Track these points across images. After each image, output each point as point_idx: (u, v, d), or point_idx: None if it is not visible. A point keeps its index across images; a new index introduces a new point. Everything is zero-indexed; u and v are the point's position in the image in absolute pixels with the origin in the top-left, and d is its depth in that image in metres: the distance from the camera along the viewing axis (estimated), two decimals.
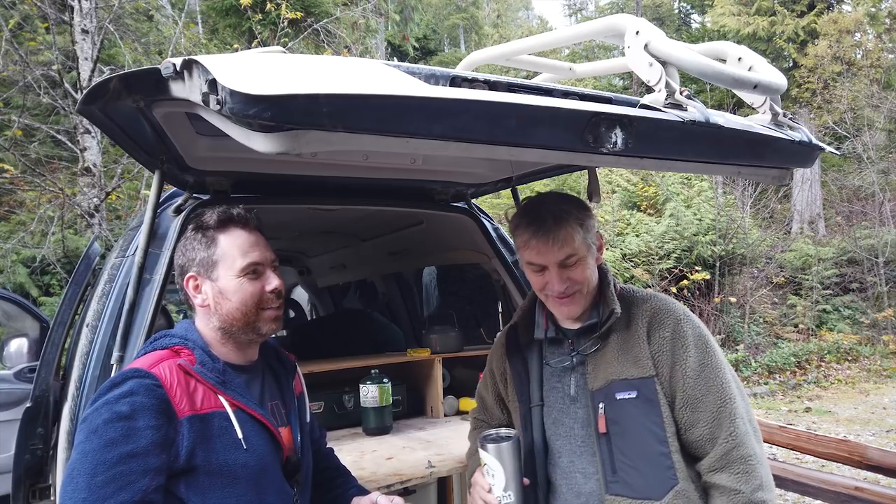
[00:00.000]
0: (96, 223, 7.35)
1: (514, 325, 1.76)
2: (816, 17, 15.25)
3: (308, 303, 5.67)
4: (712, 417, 1.44)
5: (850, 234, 12.92)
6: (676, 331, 1.50)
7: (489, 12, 32.56)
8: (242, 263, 1.35)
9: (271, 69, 0.99)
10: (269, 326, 1.39)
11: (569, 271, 1.49)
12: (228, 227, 1.38)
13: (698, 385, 1.46)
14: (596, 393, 1.51)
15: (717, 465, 1.43)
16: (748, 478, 1.40)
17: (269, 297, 1.38)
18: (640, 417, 1.46)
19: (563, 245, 1.47)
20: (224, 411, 1.28)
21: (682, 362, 1.47)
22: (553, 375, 1.61)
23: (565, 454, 1.55)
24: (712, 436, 1.44)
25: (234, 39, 10.56)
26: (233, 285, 1.35)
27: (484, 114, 1.03)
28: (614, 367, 1.51)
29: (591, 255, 1.53)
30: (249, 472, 1.27)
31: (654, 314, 1.53)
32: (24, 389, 3.35)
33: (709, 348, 1.50)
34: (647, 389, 1.47)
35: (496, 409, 1.81)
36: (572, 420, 1.55)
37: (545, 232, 1.47)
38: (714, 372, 1.47)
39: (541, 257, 1.49)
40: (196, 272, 1.37)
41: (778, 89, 1.32)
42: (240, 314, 1.35)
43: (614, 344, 1.53)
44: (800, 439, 3.33)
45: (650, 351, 1.49)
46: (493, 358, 1.80)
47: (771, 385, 9.07)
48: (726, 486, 1.41)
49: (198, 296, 1.37)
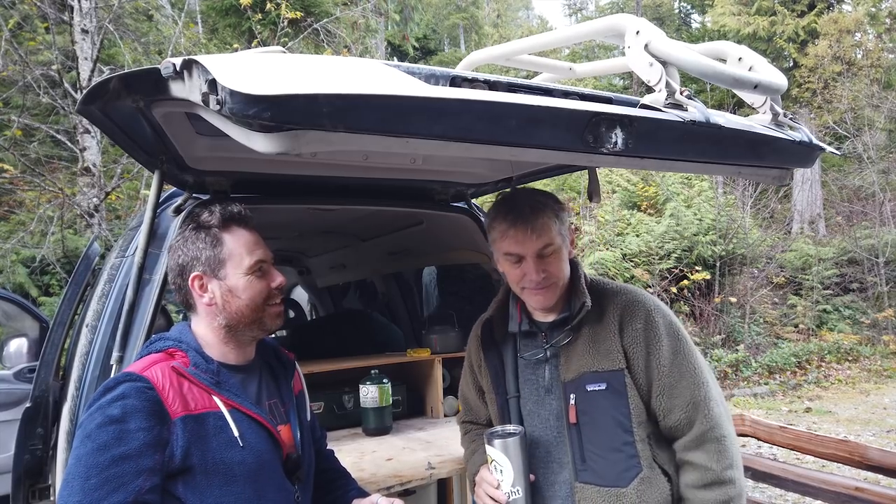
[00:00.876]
0: (96, 223, 7.35)
1: (490, 319, 1.78)
2: (817, 16, 15.25)
3: (308, 303, 5.67)
4: (687, 402, 1.50)
5: (851, 234, 12.92)
6: (648, 322, 1.54)
7: (489, 12, 32.56)
8: (251, 261, 1.38)
9: (271, 69, 0.99)
10: (275, 322, 1.43)
11: (545, 262, 1.52)
12: (231, 226, 1.39)
13: (673, 373, 1.51)
14: (568, 384, 1.55)
15: (692, 445, 1.50)
16: (720, 457, 1.47)
17: (274, 294, 1.41)
18: (608, 408, 1.51)
19: (541, 234, 1.51)
20: (219, 411, 1.28)
21: (657, 352, 1.52)
22: (527, 367, 1.64)
23: (541, 445, 1.59)
24: (689, 419, 1.50)
25: (233, 39, 10.57)
26: (242, 283, 1.37)
27: (484, 114, 1.02)
28: (586, 359, 1.54)
29: (566, 248, 1.57)
30: (247, 470, 1.28)
31: (625, 307, 1.56)
32: (23, 390, 3.35)
33: (680, 336, 1.55)
34: (616, 382, 1.52)
35: (481, 405, 1.82)
36: (547, 411, 1.59)
37: (523, 221, 1.50)
38: (687, 359, 1.53)
39: (518, 247, 1.52)
40: (202, 271, 1.37)
41: (778, 89, 1.32)
42: (249, 311, 1.37)
43: (586, 336, 1.56)
44: (800, 439, 3.33)
45: (623, 344, 1.54)
46: (471, 350, 1.82)
47: (771, 385, 9.07)
48: (699, 463, 1.48)
49: (204, 295, 1.37)
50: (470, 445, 1.85)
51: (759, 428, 3.55)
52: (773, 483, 3.33)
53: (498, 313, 1.76)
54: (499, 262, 1.62)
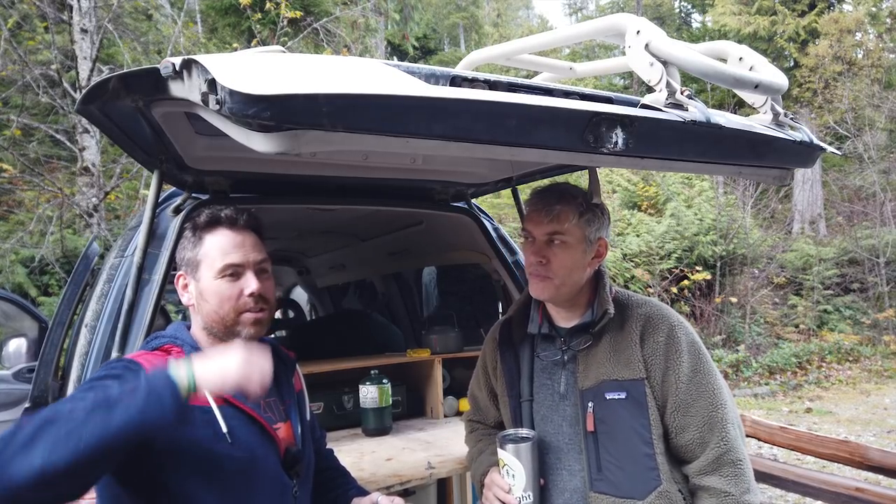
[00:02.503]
0: (95, 223, 7.35)
1: (509, 320, 1.77)
2: (817, 16, 15.25)
3: (307, 303, 5.66)
4: (703, 422, 1.46)
5: (851, 235, 12.91)
6: (671, 336, 1.51)
7: (489, 11, 32.55)
8: (220, 264, 1.34)
9: (271, 69, 0.98)
10: (249, 330, 1.35)
11: (548, 250, 1.53)
12: (215, 227, 1.38)
13: (690, 390, 1.48)
14: (585, 392, 1.53)
15: (707, 469, 1.45)
16: (737, 481, 1.44)
17: (246, 301, 1.34)
18: (627, 418, 1.48)
19: (553, 221, 1.52)
20: (207, 406, 1.26)
21: (676, 367, 1.49)
22: (543, 372, 1.63)
23: (552, 451, 1.57)
24: (702, 440, 1.46)
25: (233, 39, 10.56)
26: (212, 286, 1.34)
27: (484, 114, 1.02)
28: (605, 367, 1.52)
29: (582, 251, 1.53)
30: (237, 464, 1.27)
31: (648, 319, 1.55)
32: (22, 390, 3.34)
33: (701, 355, 1.52)
34: (636, 391, 1.49)
35: (491, 408, 1.81)
36: (560, 417, 1.57)
37: (544, 203, 1.54)
38: (706, 378, 1.49)
39: (531, 225, 1.56)
40: (184, 271, 1.39)
41: (779, 89, 1.31)
42: (217, 316, 1.34)
43: (606, 344, 1.54)
44: (801, 440, 3.33)
45: (642, 354, 1.51)
46: (486, 352, 1.81)
47: (772, 385, 9.07)
48: (717, 488, 1.44)
49: (185, 294, 1.39)
50: (476, 445, 1.83)
51: (759, 428, 3.55)
52: (773, 483, 3.32)
53: (518, 315, 1.74)
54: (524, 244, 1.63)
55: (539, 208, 1.54)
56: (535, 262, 1.54)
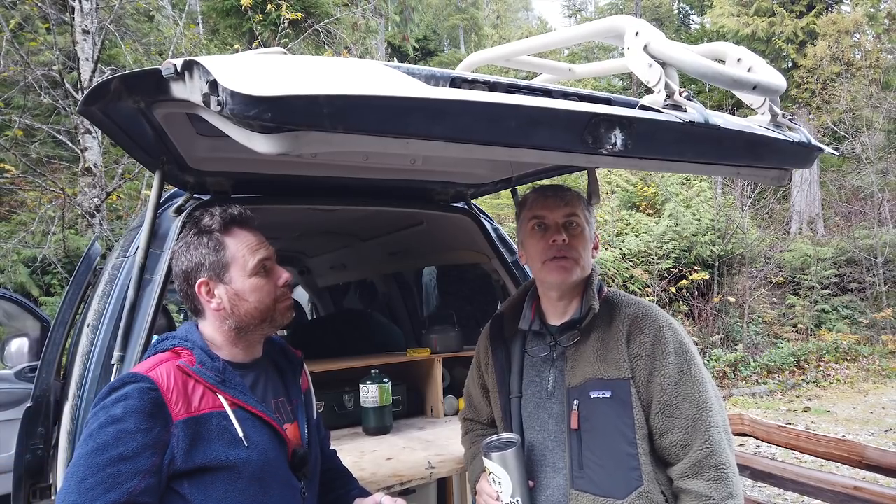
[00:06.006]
0: (97, 223, 7.35)
1: (501, 315, 1.78)
2: (815, 17, 15.27)
3: (308, 303, 5.67)
4: (687, 424, 1.45)
5: (849, 235, 12.93)
6: (657, 337, 1.50)
7: (489, 13, 32.56)
8: (253, 262, 1.38)
9: (272, 70, 0.99)
10: (286, 316, 1.44)
11: (569, 233, 1.54)
12: (232, 228, 1.39)
13: (676, 392, 1.46)
14: (572, 390, 1.53)
15: (690, 472, 1.44)
16: (720, 485, 1.41)
17: (283, 290, 1.42)
18: (612, 417, 1.48)
19: (569, 204, 1.56)
20: (223, 411, 1.29)
21: (661, 368, 1.48)
22: (532, 368, 1.64)
23: (537, 448, 1.58)
24: (686, 442, 1.45)
25: (234, 40, 10.57)
26: (248, 285, 1.37)
27: (484, 115, 1.03)
28: (592, 365, 1.53)
29: (590, 238, 1.59)
30: (252, 467, 1.28)
31: (635, 319, 1.54)
32: (24, 389, 3.35)
33: (689, 356, 1.51)
34: (621, 391, 1.48)
35: (484, 404, 1.82)
36: (547, 415, 1.58)
37: (554, 192, 1.59)
38: (693, 380, 1.48)
39: (545, 210, 1.57)
40: (208, 277, 1.37)
41: (777, 90, 1.32)
42: (258, 312, 1.38)
43: (594, 343, 1.55)
44: (799, 439, 3.33)
45: (629, 354, 1.51)
46: (479, 348, 1.82)
47: (770, 385, 9.08)
48: (698, 491, 1.41)
49: (212, 301, 1.37)
50: (471, 448, 1.85)
51: (757, 427, 3.56)
52: (771, 482, 3.33)
53: (511, 311, 1.75)
54: (524, 240, 1.62)
55: (551, 195, 1.58)
56: (557, 243, 1.53)
